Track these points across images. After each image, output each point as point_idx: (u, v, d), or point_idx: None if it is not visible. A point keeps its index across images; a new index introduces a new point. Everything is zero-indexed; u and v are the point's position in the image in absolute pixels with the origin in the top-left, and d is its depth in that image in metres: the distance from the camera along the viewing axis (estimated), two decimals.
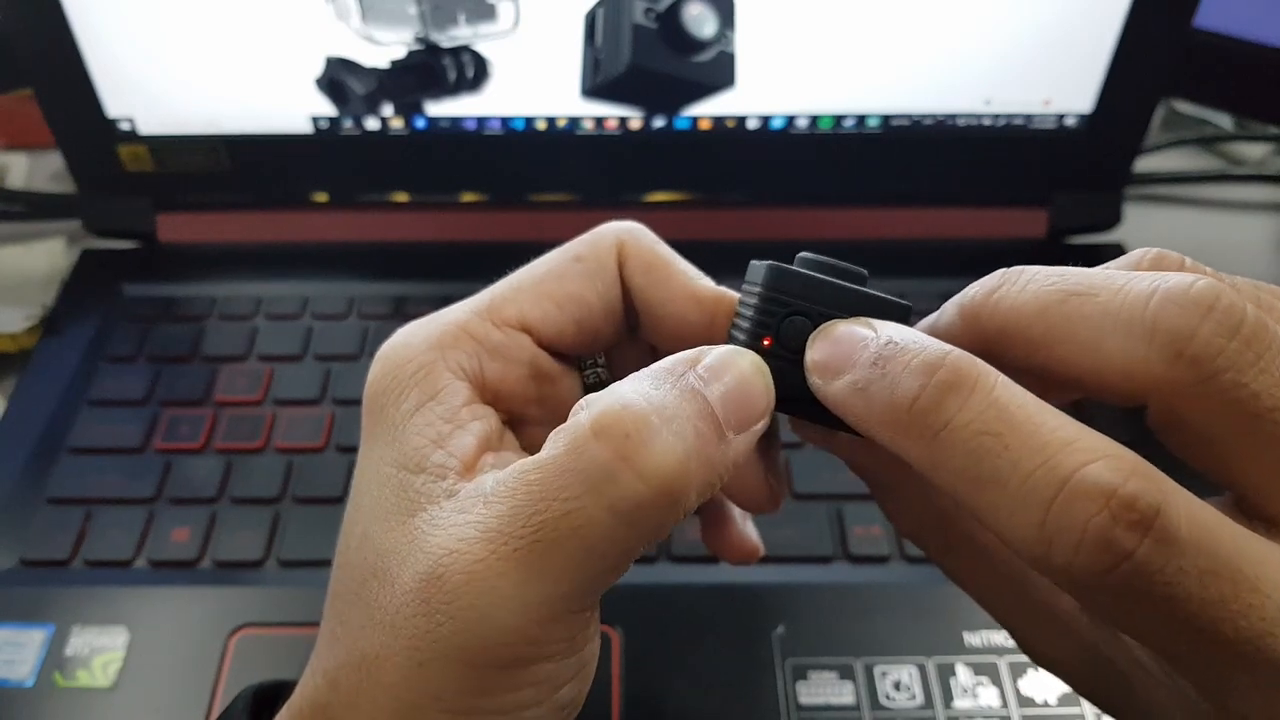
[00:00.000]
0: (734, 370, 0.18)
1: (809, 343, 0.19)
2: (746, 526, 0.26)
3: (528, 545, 0.17)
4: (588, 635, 0.19)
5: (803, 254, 0.20)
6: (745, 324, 0.20)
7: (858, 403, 0.17)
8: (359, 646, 0.18)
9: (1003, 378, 0.16)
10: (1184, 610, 0.14)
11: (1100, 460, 0.14)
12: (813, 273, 0.19)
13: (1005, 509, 0.15)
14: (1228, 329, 0.15)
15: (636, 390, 0.18)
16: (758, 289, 0.19)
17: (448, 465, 0.19)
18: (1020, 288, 0.17)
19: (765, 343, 0.19)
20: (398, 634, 0.18)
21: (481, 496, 0.18)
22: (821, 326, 0.19)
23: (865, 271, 0.20)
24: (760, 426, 0.19)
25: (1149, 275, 0.16)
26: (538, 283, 0.22)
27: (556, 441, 0.18)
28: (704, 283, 0.22)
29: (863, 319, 0.19)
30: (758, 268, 0.20)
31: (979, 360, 0.16)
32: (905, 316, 0.19)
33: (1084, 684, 0.20)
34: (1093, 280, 0.17)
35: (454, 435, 0.20)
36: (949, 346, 0.17)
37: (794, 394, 0.19)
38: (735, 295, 0.22)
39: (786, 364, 0.19)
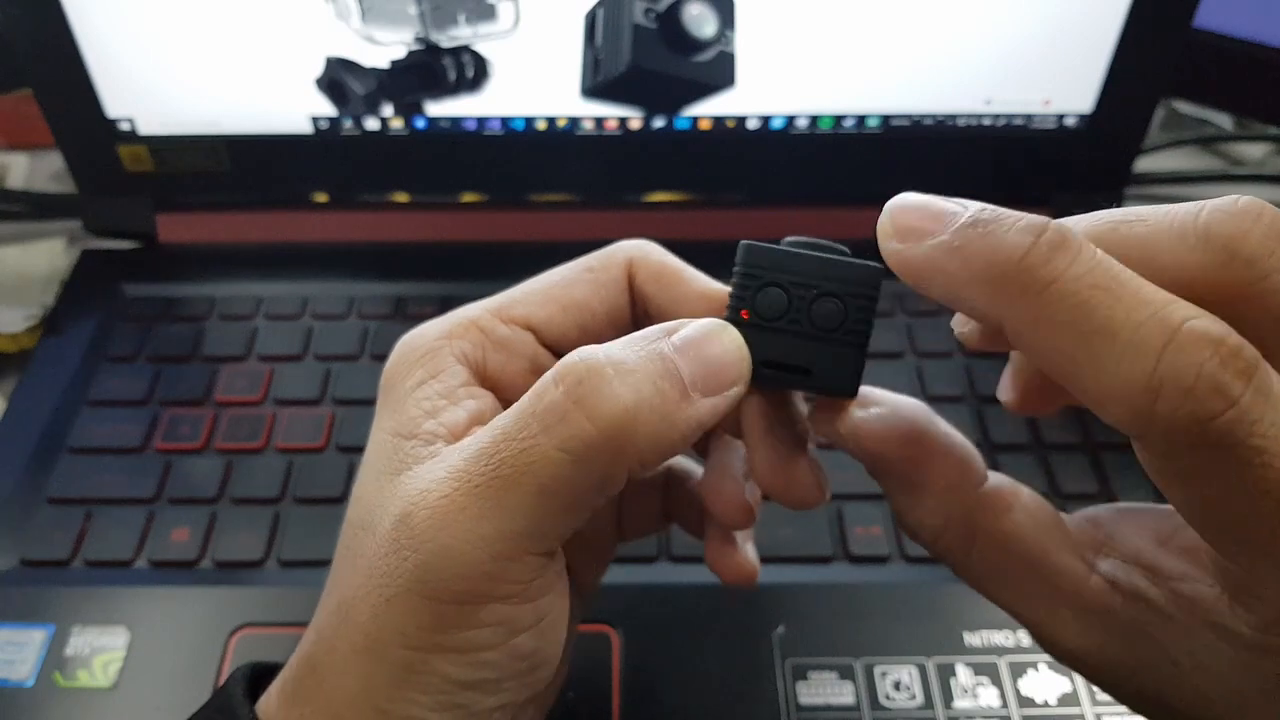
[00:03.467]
0: (707, 336, 0.20)
1: (887, 211, 0.19)
2: (747, 548, 0.26)
3: (487, 482, 0.18)
4: (545, 585, 0.20)
5: (788, 237, 0.21)
6: (730, 301, 0.21)
7: (952, 261, 0.17)
8: (341, 594, 0.20)
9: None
10: (1273, 468, 0.15)
11: (1203, 316, 0.15)
12: (786, 248, 0.21)
13: (1112, 361, 0.15)
14: (1277, 232, 0.16)
15: (603, 348, 0.19)
16: (736, 268, 0.21)
17: (437, 433, 0.21)
18: (1071, 224, 0.18)
19: (743, 315, 0.20)
20: (371, 575, 0.19)
21: (459, 449, 0.19)
22: (900, 196, 0.19)
23: (846, 249, 0.21)
24: (734, 392, 0.20)
25: (1195, 201, 0.17)
26: (548, 288, 0.24)
27: (527, 394, 0.19)
28: (713, 283, 0.24)
29: (951, 199, 0.19)
30: (738, 248, 0.21)
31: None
32: (876, 280, 0.20)
33: (1111, 674, 0.20)
34: (1139, 210, 0.17)
35: (447, 409, 0.21)
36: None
37: (770, 362, 0.20)
38: None
39: (763, 333, 0.20)
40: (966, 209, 0.18)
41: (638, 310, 0.24)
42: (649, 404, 0.18)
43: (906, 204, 0.18)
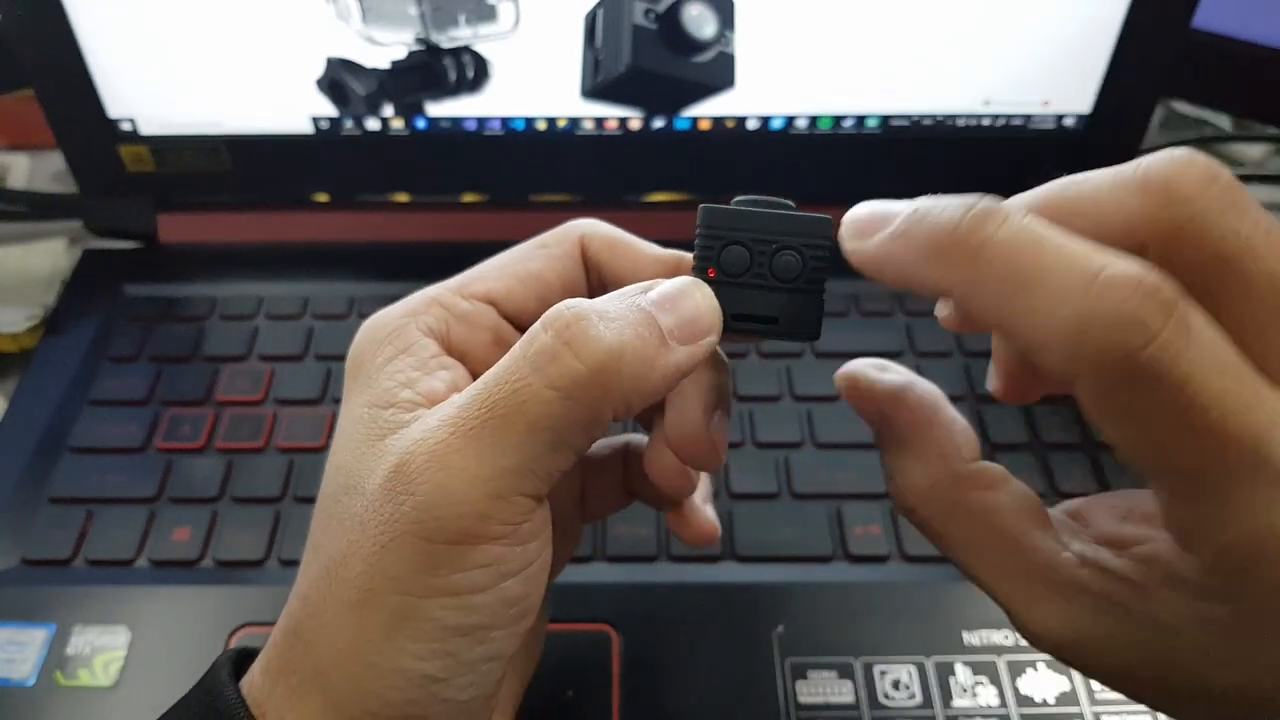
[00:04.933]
0: (682, 291, 0.21)
1: (845, 221, 0.21)
2: (706, 509, 0.28)
3: (481, 423, 0.19)
4: (534, 529, 0.20)
5: (737, 197, 0.22)
6: (695, 261, 0.22)
7: (898, 246, 0.19)
8: (328, 554, 0.20)
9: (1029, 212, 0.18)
10: (1199, 397, 0.16)
11: (1124, 260, 0.16)
12: (740, 207, 0.22)
13: (1044, 304, 0.17)
14: (1209, 177, 0.17)
15: (587, 299, 0.20)
16: (698, 230, 0.22)
17: (416, 401, 0.21)
18: (1023, 195, 0.19)
19: (710, 274, 0.22)
20: (365, 527, 0.19)
21: (451, 401, 0.20)
22: (855, 207, 0.21)
23: (792, 203, 0.22)
24: (709, 341, 0.21)
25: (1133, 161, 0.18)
26: (505, 264, 0.25)
27: (516, 344, 0.20)
28: (663, 250, 0.25)
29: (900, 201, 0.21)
30: (698, 211, 0.22)
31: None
32: (826, 230, 0.21)
33: (1082, 651, 0.20)
34: (1082, 173, 0.19)
35: (422, 379, 0.22)
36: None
37: (738, 313, 0.22)
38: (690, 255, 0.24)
39: (730, 289, 0.22)
40: (906, 206, 0.19)
41: (592, 281, 0.25)
42: (631, 347, 0.19)
43: (859, 210, 0.20)
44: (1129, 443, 0.17)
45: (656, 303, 0.20)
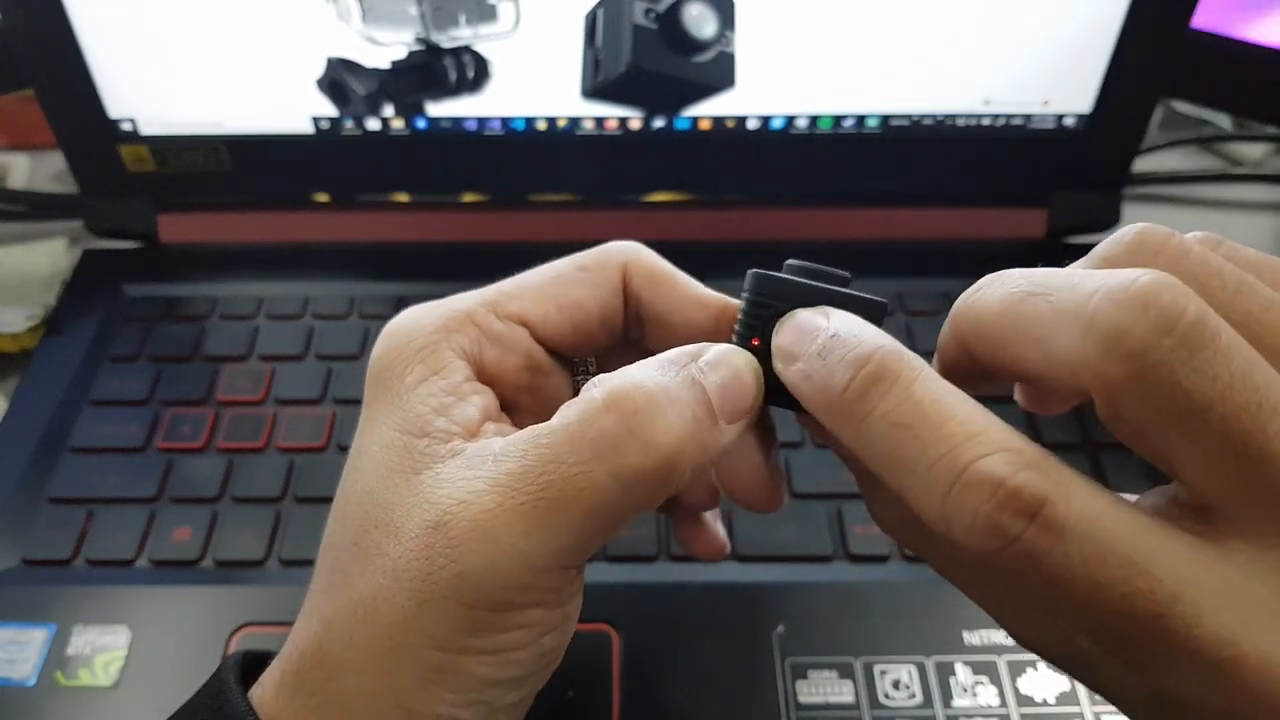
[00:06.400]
0: (730, 365, 0.20)
1: (775, 329, 0.20)
2: (716, 525, 0.27)
3: (534, 501, 0.18)
4: (573, 591, 0.20)
5: (789, 261, 0.22)
6: (739, 327, 0.21)
7: (805, 388, 0.19)
8: (357, 591, 0.20)
9: (926, 371, 0.17)
10: (1075, 591, 0.15)
11: (997, 453, 0.16)
12: (795, 277, 0.21)
13: (915, 491, 0.17)
14: (1162, 326, 0.15)
15: (645, 373, 0.19)
16: (746, 295, 0.21)
17: (451, 430, 0.21)
18: (992, 290, 0.18)
19: (754, 343, 0.21)
20: (398, 578, 0.19)
21: (491, 455, 0.19)
22: (785, 315, 0.20)
23: (848, 274, 0.21)
24: (749, 419, 0.20)
25: (1101, 273, 0.16)
26: (542, 285, 0.24)
27: (568, 412, 0.19)
28: (706, 290, 0.24)
29: (822, 309, 0.20)
30: (749, 276, 0.21)
31: (907, 354, 0.18)
32: (882, 314, 0.20)
33: (1062, 664, 0.20)
34: (1053, 280, 0.17)
35: (456, 406, 0.21)
36: (884, 341, 0.18)
37: (780, 388, 0.20)
38: (738, 302, 0.23)
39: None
40: (824, 331, 0.19)
41: (629, 311, 0.25)
42: (692, 434, 0.19)
43: (787, 324, 0.20)
44: (1030, 598, 0.17)
45: (707, 375, 0.20)
